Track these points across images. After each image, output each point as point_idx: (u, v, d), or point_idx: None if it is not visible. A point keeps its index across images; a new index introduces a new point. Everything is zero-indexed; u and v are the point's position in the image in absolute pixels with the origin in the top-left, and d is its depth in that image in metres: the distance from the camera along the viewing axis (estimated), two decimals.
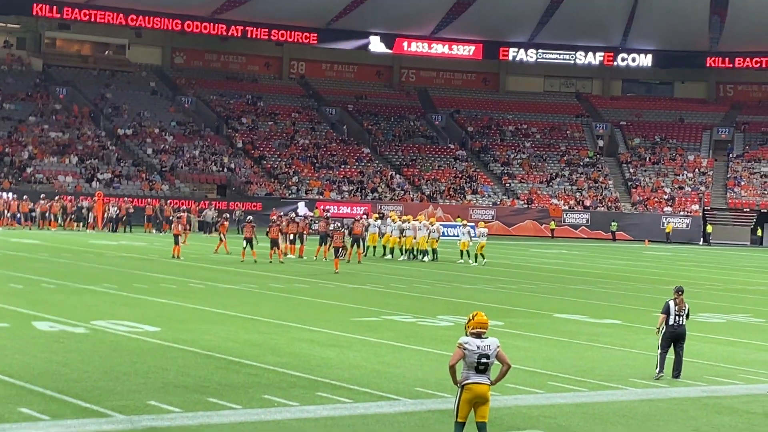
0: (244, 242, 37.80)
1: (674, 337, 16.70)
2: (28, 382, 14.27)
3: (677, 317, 16.71)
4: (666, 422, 13.99)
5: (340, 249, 34.98)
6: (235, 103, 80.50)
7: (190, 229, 47.02)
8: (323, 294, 27.55)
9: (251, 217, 40.73)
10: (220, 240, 41.16)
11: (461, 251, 41.74)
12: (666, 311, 16.77)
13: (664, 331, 16.79)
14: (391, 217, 44.49)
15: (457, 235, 44.78)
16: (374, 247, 42.99)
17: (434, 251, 41.91)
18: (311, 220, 56.54)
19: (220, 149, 72.70)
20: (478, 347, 10.73)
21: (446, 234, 49.71)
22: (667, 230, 70.11)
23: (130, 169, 66.91)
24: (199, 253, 41.05)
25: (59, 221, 54.55)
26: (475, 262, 40.89)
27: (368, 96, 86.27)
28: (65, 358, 16.12)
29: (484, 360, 10.71)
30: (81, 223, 54.72)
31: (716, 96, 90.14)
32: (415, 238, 41.75)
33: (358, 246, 39.71)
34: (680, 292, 16.86)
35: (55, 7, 71.65)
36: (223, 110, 78.96)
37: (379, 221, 44.16)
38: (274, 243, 37.53)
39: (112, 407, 12.96)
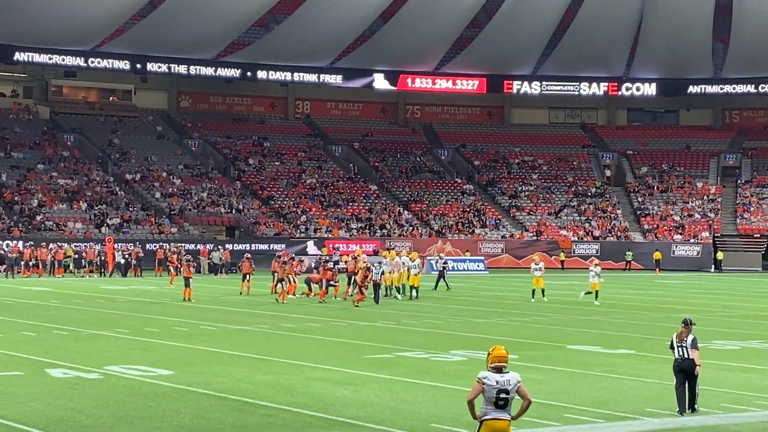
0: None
1: (683, 371, 16.17)
2: (43, 429, 14.25)
3: (680, 349, 16.26)
4: None
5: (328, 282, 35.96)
6: (241, 144, 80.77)
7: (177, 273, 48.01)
8: (335, 332, 27.49)
9: (248, 254, 43.11)
10: (245, 280, 41.45)
11: (533, 289, 40.08)
12: (672, 346, 16.44)
13: (673, 365, 16.43)
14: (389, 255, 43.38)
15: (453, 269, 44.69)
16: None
17: (413, 288, 40.45)
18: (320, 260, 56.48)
19: (227, 191, 72.88)
20: (498, 382, 10.58)
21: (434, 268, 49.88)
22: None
23: (139, 214, 67.07)
24: (209, 295, 41.04)
25: (71, 268, 54.69)
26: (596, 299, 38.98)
27: (374, 133, 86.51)
28: (80, 405, 16.10)
29: (503, 395, 10.54)
30: (79, 270, 54.66)
31: (722, 122, 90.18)
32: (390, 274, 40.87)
33: (349, 283, 39.35)
34: (685, 324, 16.39)
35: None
36: (229, 152, 79.21)
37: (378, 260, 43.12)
38: (307, 283, 38.07)
39: None
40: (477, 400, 10.68)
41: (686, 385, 16.21)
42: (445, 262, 47.94)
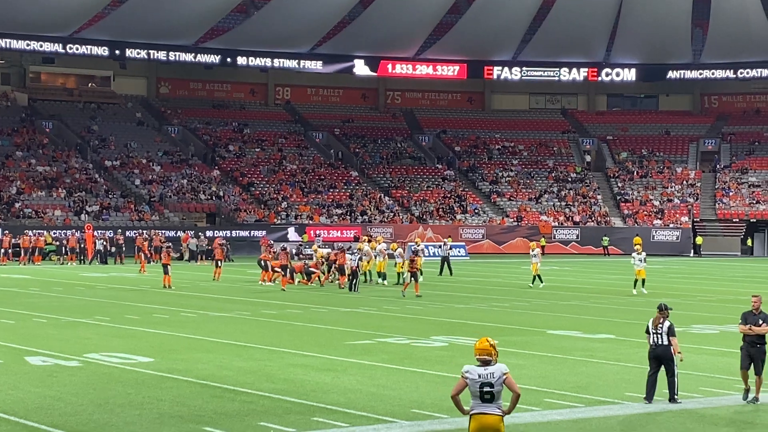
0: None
1: (657, 358, 15.87)
2: (22, 417, 14.20)
3: (655, 336, 15.88)
4: None
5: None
6: (221, 130, 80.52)
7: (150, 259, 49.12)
8: (316, 319, 27.50)
9: (222, 240, 43.70)
10: (217, 266, 42.20)
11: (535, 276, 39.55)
12: (648, 331, 16.08)
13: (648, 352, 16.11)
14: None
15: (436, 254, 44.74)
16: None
17: (372, 273, 40.74)
18: (301, 247, 56.51)
19: (207, 177, 72.67)
20: (480, 375, 10.24)
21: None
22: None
23: (119, 201, 66.82)
24: (189, 282, 40.94)
25: (52, 256, 54.62)
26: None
27: (354, 119, 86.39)
28: (59, 393, 16.05)
29: (487, 388, 10.21)
30: (60, 257, 54.60)
31: (701, 108, 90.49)
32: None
33: (341, 273, 39.22)
34: (660, 310, 16.02)
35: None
36: (209, 138, 78.97)
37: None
38: (284, 269, 38.11)
39: None
40: (466, 396, 10.40)
41: (658, 372, 15.88)
42: (449, 248, 48.45)
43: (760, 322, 16.05)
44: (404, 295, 34.33)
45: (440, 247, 51.98)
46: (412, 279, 34.58)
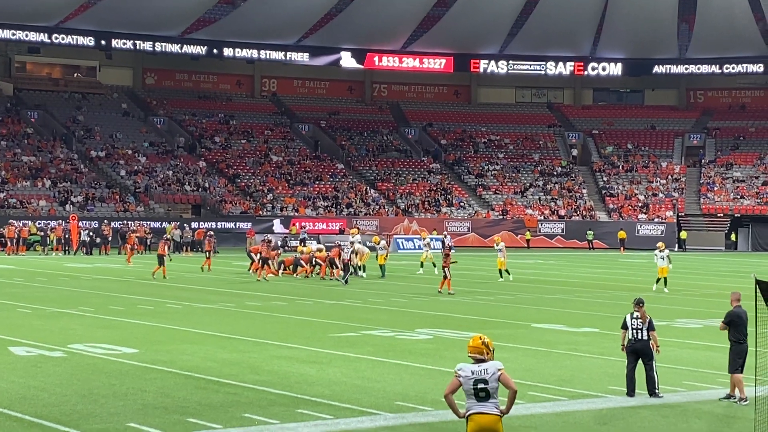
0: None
1: (636, 352, 15.89)
2: (6, 408, 14.18)
3: (635, 331, 15.91)
4: (646, 429, 14.05)
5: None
6: (207, 122, 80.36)
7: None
8: (301, 311, 27.51)
9: (211, 232, 46.07)
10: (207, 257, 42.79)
11: (500, 270, 40.09)
12: (624, 326, 16.10)
13: (626, 346, 16.12)
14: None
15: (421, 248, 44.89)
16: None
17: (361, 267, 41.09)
18: (286, 239, 56.48)
19: (193, 169, 72.52)
20: (473, 372, 9.96)
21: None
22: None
23: (104, 191, 66.65)
24: (174, 273, 40.87)
25: (36, 246, 54.52)
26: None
27: (341, 111, 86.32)
28: (43, 383, 16.03)
29: (481, 385, 9.92)
30: (44, 248, 54.51)
31: (687, 102, 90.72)
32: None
33: (334, 266, 39.33)
34: (639, 304, 16.02)
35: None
36: (195, 129, 78.80)
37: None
38: (264, 261, 38.57)
39: (91, 431, 12.90)
40: (461, 398, 10.12)
41: (636, 366, 15.91)
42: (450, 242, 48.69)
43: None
44: (440, 292, 33.35)
45: (442, 240, 52.24)
46: (445, 271, 33.58)
